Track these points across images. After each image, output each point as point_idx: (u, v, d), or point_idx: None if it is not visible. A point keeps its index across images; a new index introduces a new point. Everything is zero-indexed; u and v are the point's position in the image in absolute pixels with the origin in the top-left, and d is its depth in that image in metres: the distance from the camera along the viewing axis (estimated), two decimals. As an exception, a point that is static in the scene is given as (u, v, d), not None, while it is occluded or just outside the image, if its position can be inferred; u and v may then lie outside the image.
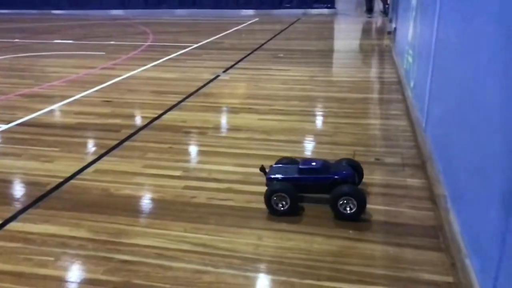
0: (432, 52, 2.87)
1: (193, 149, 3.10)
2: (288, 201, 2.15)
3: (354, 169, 2.29)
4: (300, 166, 2.25)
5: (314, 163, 2.25)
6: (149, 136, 3.30)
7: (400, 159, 2.78)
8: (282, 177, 2.25)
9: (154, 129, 3.46)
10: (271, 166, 2.39)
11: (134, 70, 5.49)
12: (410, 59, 4.12)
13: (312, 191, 2.28)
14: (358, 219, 2.09)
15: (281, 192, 2.15)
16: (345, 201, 2.09)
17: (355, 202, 2.07)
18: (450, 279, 1.69)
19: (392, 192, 2.37)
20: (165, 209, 2.27)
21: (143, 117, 3.77)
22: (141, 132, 3.38)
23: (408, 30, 4.47)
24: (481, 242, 1.58)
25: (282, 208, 2.16)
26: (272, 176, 2.27)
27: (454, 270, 1.69)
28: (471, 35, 1.95)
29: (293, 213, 2.16)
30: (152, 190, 2.48)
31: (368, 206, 2.21)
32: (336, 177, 2.19)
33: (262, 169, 2.34)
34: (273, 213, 2.18)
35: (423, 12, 3.56)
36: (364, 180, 2.49)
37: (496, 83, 1.53)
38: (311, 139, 3.23)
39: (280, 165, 2.39)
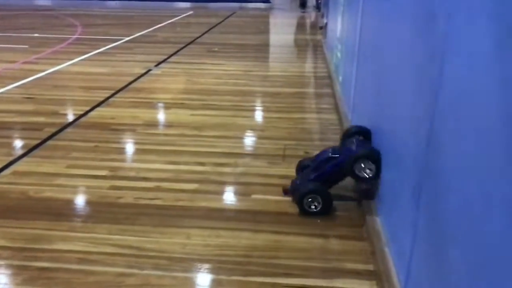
0: (357, 48, 2.98)
1: (121, 147, 3.00)
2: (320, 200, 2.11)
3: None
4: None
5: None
6: (74, 134, 3.14)
7: (328, 152, 2.86)
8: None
9: (80, 127, 3.30)
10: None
11: (60, 64, 5.20)
12: (339, 54, 4.24)
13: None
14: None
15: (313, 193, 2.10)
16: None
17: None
18: (371, 267, 1.76)
19: (319, 185, 2.43)
20: (89, 211, 2.18)
21: (68, 115, 3.58)
22: (66, 130, 3.21)
23: (337, 26, 4.61)
24: (397, 230, 1.66)
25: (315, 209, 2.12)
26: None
27: (374, 258, 1.77)
28: (387, 31, 2.03)
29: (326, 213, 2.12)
30: (75, 191, 2.36)
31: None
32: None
33: (286, 191, 2.28)
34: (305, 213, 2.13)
35: (349, 8, 3.68)
36: (292, 173, 2.54)
37: (410, 78, 1.60)
38: (243, 134, 3.24)
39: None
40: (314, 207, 2.12)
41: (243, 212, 2.17)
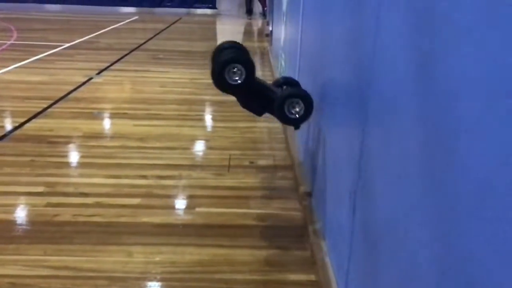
0: (298, 57, 3.04)
1: (59, 161, 2.86)
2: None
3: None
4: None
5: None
6: (7, 148, 2.97)
7: (273, 161, 2.89)
8: None
9: (14, 140, 3.12)
10: None
11: (-7, 72, 4.92)
12: (283, 63, 4.31)
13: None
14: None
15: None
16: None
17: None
18: (312, 277, 1.79)
19: (263, 195, 2.46)
20: (23, 231, 2.07)
21: (1, 127, 3.38)
22: (-2, 144, 3.04)
23: (280, 34, 4.68)
24: (336, 239, 1.71)
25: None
26: None
27: (315, 269, 1.80)
28: (322, 41, 2.09)
29: None
30: (7, 210, 2.23)
31: (240, 210, 2.27)
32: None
33: None
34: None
35: (291, 18, 3.75)
36: (238, 184, 2.55)
37: (344, 87, 1.66)
38: (188, 144, 3.20)
39: None
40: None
41: (186, 226, 2.14)
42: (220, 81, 1.93)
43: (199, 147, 3.16)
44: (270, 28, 7.16)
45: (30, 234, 2.04)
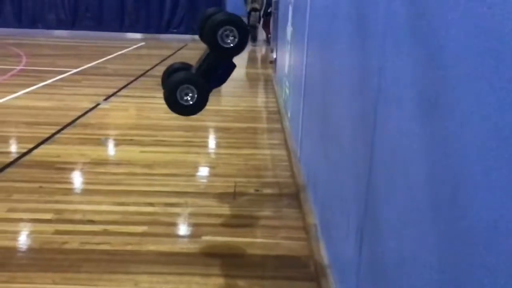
0: (303, 87, 3.10)
1: (66, 188, 2.90)
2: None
3: None
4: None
5: None
6: (16, 174, 3.02)
7: (278, 189, 2.92)
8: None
9: (22, 166, 3.17)
10: None
11: (2, 98, 5.00)
12: (287, 91, 4.39)
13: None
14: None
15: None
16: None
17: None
18: (319, 308, 1.80)
19: (269, 224, 2.47)
20: (31, 259, 2.09)
21: (9, 153, 3.44)
22: (7, 170, 3.08)
23: (285, 62, 4.78)
24: (343, 271, 1.72)
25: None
26: None
27: (322, 299, 1.81)
28: (330, 73, 2.15)
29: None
30: (16, 237, 2.26)
31: (246, 239, 2.29)
32: None
33: None
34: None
35: (296, 47, 3.84)
36: (244, 212, 2.58)
37: (349, 125, 1.70)
38: (194, 171, 3.24)
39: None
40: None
41: (193, 255, 2.16)
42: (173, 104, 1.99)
43: (205, 174, 3.19)
44: (274, 56, 7.28)
45: (38, 262, 2.06)
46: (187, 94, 2.00)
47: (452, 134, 0.83)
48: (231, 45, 1.93)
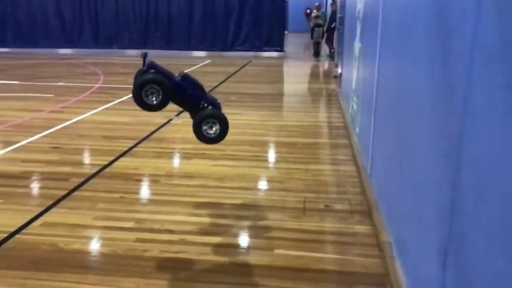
0: (374, 102, 3.08)
1: (145, 199, 3.08)
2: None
3: None
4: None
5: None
6: (99, 185, 3.24)
7: (348, 205, 2.90)
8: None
9: (104, 177, 3.40)
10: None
11: (84, 113, 5.41)
12: (355, 106, 4.36)
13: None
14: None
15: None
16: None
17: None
18: (396, 327, 1.77)
19: (341, 240, 2.47)
20: (116, 264, 2.23)
21: (93, 165, 3.70)
22: (91, 180, 3.32)
23: (352, 78, 4.76)
24: (423, 290, 1.68)
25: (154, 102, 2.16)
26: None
27: (400, 319, 1.78)
28: (407, 88, 2.13)
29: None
30: (102, 244, 2.43)
31: (318, 254, 2.30)
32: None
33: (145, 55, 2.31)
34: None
35: (365, 63, 3.82)
36: (315, 228, 2.59)
37: (428, 136, 1.68)
38: (262, 185, 3.31)
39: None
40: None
41: (266, 267, 2.20)
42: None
43: (274, 188, 3.24)
44: (339, 71, 7.26)
45: (123, 267, 2.20)
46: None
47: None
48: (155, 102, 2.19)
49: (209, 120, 2.19)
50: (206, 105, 2.26)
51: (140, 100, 2.12)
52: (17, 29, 13.31)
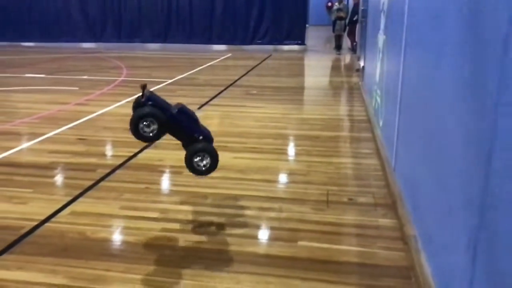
0: (399, 95, 3.04)
1: (169, 189, 3.12)
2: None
3: None
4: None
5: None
6: (125, 175, 3.30)
7: (372, 198, 2.89)
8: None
9: (130, 168, 3.46)
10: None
11: (109, 106, 5.50)
12: (379, 99, 4.31)
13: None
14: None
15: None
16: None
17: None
18: (422, 320, 1.76)
19: (365, 233, 2.46)
20: (142, 253, 2.27)
21: (118, 156, 3.76)
22: (117, 171, 3.38)
23: (375, 71, 4.70)
24: (450, 283, 1.67)
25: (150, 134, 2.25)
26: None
27: (426, 312, 1.76)
28: (434, 80, 2.10)
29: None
30: (129, 233, 2.47)
31: (342, 247, 2.30)
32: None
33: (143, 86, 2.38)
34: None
35: (389, 55, 3.77)
36: (338, 220, 2.59)
37: (457, 127, 1.65)
38: (285, 178, 3.31)
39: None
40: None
41: (290, 259, 2.21)
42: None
43: (296, 181, 3.24)
44: (362, 64, 7.18)
45: (149, 256, 2.24)
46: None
47: None
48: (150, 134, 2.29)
49: (200, 153, 2.30)
50: (200, 138, 2.37)
51: (137, 132, 2.23)
52: (42, 24, 13.59)
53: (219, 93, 6.42)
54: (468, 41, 1.58)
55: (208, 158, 2.32)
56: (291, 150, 4.05)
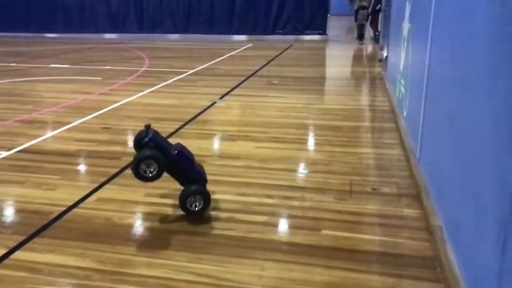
0: (425, 84, 2.99)
1: (193, 178, 3.15)
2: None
3: None
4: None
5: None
6: (149, 164, 3.34)
7: (396, 189, 2.86)
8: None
9: (153, 156, 3.50)
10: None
11: (132, 96, 5.57)
12: (403, 89, 4.25)
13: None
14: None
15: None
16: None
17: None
18: (448, 310, 1.75)
19: (389, 223, 2.44)
20: (168, 239, 2.31)
21: (142, 145, 3.81)
22: (141, 159, 3.42)
23: (399, 60, 4.63)
24: (477, 274, 1.65)
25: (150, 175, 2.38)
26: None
27: (452, 302, 1.75)
28: (461, 69, 2.06)
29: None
30: (154, 219, 2.52)
31: (366, 236, 2.29)
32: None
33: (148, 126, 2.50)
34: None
35: (414, 44, 3.71)
36: (361, 210, 2.58)
37: (487, 115, 1.62)
38: (308, 167, 3.31)
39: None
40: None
41: (313, 247, 2.22)
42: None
43: (319, 171, 3.24)
44: (385, 54, 7.08)
45: (174, 242, 2.28)
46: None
47: None
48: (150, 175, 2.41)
49: (195, 195, 2.44)
50: (195, 179, 2.52)
51: (138, 173, 2.37)
52: (66, 15, 13.81)
53: (241, 83, 6.43)
54: (499, 29, 1.54)
55: (202, 200, 2.46)
56: (313, 140, 4.04)
